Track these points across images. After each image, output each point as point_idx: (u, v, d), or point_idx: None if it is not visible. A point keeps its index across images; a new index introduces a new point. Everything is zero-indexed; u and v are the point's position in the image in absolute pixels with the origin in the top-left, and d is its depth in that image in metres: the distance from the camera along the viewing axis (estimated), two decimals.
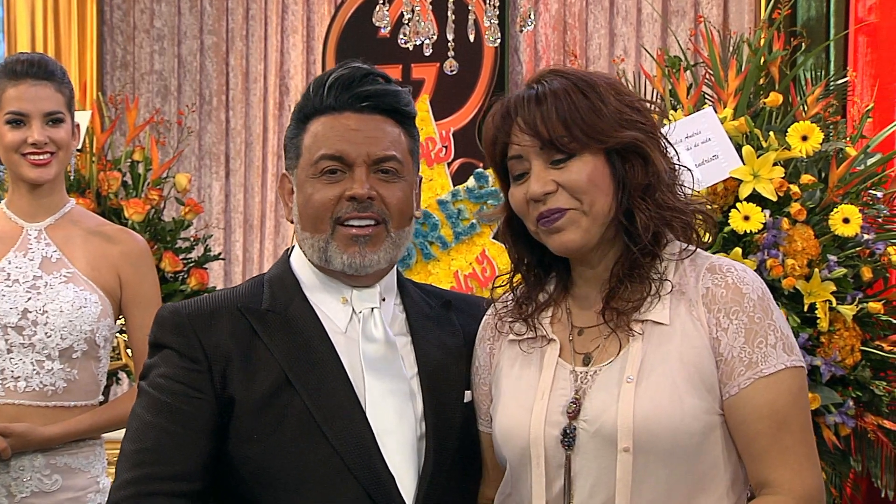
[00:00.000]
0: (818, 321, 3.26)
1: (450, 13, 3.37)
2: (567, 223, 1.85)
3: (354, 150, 1.95)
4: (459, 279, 5.25)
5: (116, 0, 6.69)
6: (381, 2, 3.35)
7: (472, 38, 3.55)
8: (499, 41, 3.40)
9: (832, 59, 4.88)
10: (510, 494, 1.91)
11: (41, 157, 2.82)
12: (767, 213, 3.34)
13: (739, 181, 3.36)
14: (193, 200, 4.36)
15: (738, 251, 3.25)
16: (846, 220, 3.35)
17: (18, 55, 2.88)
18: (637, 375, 1.79)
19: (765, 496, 1.80)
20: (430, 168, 5.54)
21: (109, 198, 4.21)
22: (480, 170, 5.29)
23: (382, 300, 2.01)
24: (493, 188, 5.15)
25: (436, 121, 5.66)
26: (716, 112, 3.51)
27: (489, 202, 5.14)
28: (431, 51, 3.39)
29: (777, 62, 3.74)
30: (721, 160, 3.36)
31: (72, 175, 4.13)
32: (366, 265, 1.96)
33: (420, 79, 5.74)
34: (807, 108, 3.63)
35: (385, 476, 1.87)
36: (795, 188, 3.40)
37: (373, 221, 1.96)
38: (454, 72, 3.42)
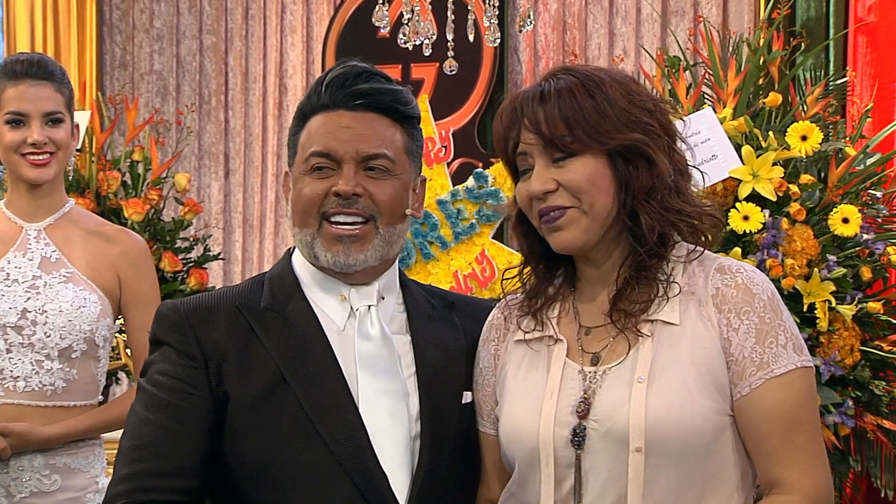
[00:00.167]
0: (817, 321, 3.26)
1: (449, 13, 3.36)
2: (566, 222, 1.85)
3: (343, 148, 1.95)
4: (459, 279, 5.25)
5: (116, 0, 6.69)
6: (381, 2, 3.34)
7: (472, 38, 3.55)
8: (498, 41, 3.40)
9: (831, 59, 4.88)
10: (515, 495, 1.90)
11: (40, 158, 2.82)
12: (767, 213, 3.34)
13: (739, 181, 3.36)
14: (193, 200, 4.36)
15: (738, 251, 3.25)
16: (845, 220, 3.35)
17: (18, 55, 2.88)
18: (648, 376, 1.78)
19: (776, 495, 1.79)
20: (430, 168, 5.54)
21: (109, 198, 4.21)
22: (480, 170, 5.29)
23: (382, 298, 2.01)
24: (493, 188, 5.16)
25: (435, 121, 5.66)
26: (715, 112, 3.51)
27: (488, 202, 5.14)
28: (431, 51, 3.39)
29: (776, 62, 3.74)
30: (720, 160, 3.36)
31: (71, 175, 4.12)
32: (351, 263, 1.96)
33: (419, 79, 5.73)
34: (806, 108, 3.64)
35: (378, 475, 1.87)
36: (795, 188, 3.40)
37: (360, 219, 1.96)
38: (454, 72, 3.42)
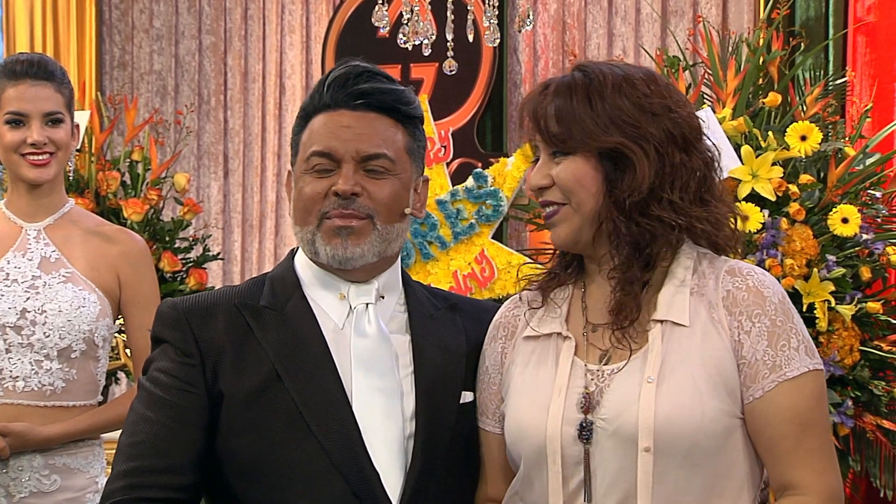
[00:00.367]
0: (817, 321, 3.26)
1: (449, 13, 3.37)
2: (560, 219, 1.86)
3: (342, 147, 1.95)
4: (458, 279, 5.25)
5: (115, 0, 6.69)
6: (381, 2, 3.34)
7: (471, 38, 3.55)
8: (498, 41, 3.40)
9: (831, 59, 4.88)
10: (519, 493, 1.90)
11: (40, 158, 2.82)
12: (766, 213, 3.34)
13: (738, 181, 3.36)
14: (192, 200, 4.36)
15: None
16: (845, 220, 3.35)
17: (18, 55, 2.87)
18: (657, 376, 1.78)
19: (790, 496, 1.79)
20: (429, 168, 5.53)
21: (108, 198, 4.21)
22: (479, 170, 5.28)
23: (381, 298, 2.01)
24: (492, 188, 5.15)
25: (434, 121, 5.66)
26: (714, 112, 3.51)
27: (488, 202, 5.13)
28: (430, 51, 3.39)
29: (776, 62, 3.74)
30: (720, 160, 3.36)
31: (71, 175, 4.12)
32: (349, 257, 1.96)
33: (419, 79, 5.73)
34: (806, 108, 3.64)
35: (370, 473, 1.87)
36: (794, 188, 3.41)
37: (356, 219, 1.96)
38: (453, 72, 3.42)
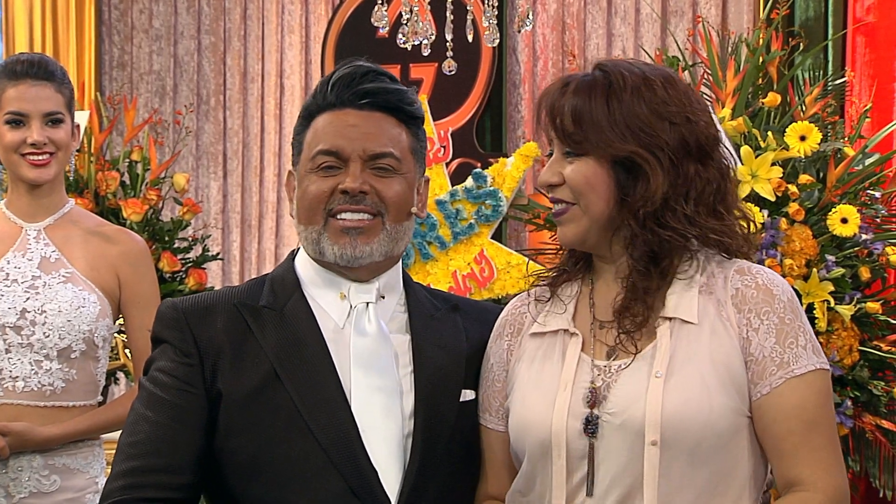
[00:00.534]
0: (816, 321, 3.27)
1: (448, 13, 3.37)
2: (568, 219, 1.86)
3: (350, 146, 1.96)
4: (457, 279, 5.25)
5: (114, 0, 6.69)
6: (380, 2, 3.35)
7: (471, 39, 3.56)
8: (497, 41, 3.40)
9: (830, 59, 4.89)
10: (521, 490, 1.90)
11: (40, 158, 2.82)
12: (766, 213, 3.34)
13: (738, 181, 3.36)
14: (191, 200, 4.36)
15: None
16: (844, 220, 3.35)
17: (19, 55, 2.87)
18: (666, 371, 1.78)
19: (795, 493, 1.79)
20: (429, 168, 5.53)
21: (107, 198, 4.22)
22: (478, 170, 5.28)
23: (382, 297, 2.01)
24: (491, 188, 5.15)
25: (434, 121, 5.66)
26: (714, 112, 3.51)
27: (487, 202, 5.14)
28: (430, 51, 3.39)
29: (775, 62, 3.75)
30: None
31: (72, 175, 4.12)
32: (357, 256, 1.96)
33: (418, 79, 5.73)
34: (805, 108, 3.64)
35: (368, 471, 1.87)
36: (794, 188, 3.41)
37: (367, 215, 1.96)
38: (452, 72, 3.42)
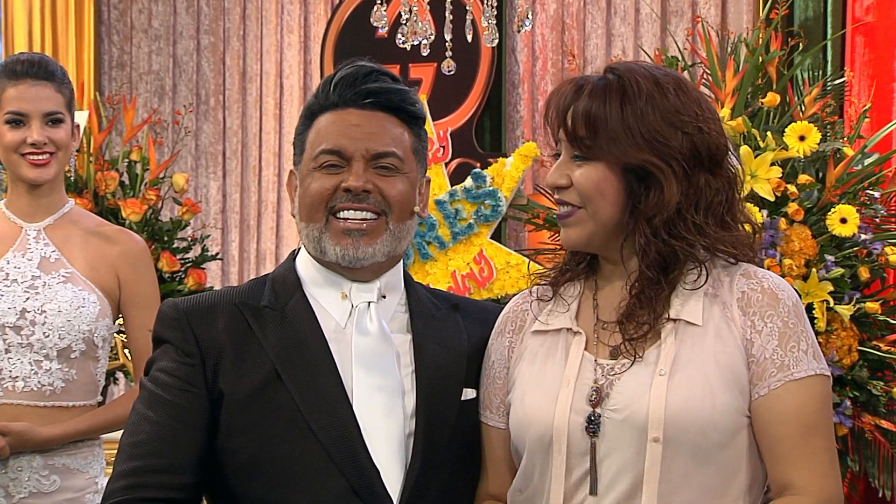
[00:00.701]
0: (816, 321, 3.27)
1: (447, 13, 3.37)
2: (573, 222, 1.86)
3: (353, 145, 1.96)
4: (457, 279, 5.25)
5: (113, 0, 6.69)
6: (379, 2, 3.34)
7: (470, 39, 3.55)
8: (496, 41, 3.40)
9: (829, 59, 4.89)
10: (521, 489, 1.90)
11: (40, 158, 2.82)
12: (765, 213, 3.34)
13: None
14: (191, 200, 4.36)
15: None
16: (843, 220, 3.35)
17: (19, 55, 2.87)
18: (669, 370, 1.78)
19: (788, 496, 1.79)
20: (428, 168, 5.54)
21: (107, 198, 4.22)
22: (478, 170, 5.28)
23: (383, 297, 2.01)
24: (491, 188, 5.15)
25: (433, 121, 5.65)
26: None
27: (486, 202, 5.14)
28: (429, 51, 3.39)
29: (774, 62, 3.75)
30: None
31: (72, 176, 4.12)
32: (360, 257, 1.96)
33: (417, 79, 5.73)
34: (804, 108, 3.64)
35: (370, 470, 1.87)
36: (793, 188, 3.41)
37: (371, 214, 1.96)
38: (452, 72, 3.42)
